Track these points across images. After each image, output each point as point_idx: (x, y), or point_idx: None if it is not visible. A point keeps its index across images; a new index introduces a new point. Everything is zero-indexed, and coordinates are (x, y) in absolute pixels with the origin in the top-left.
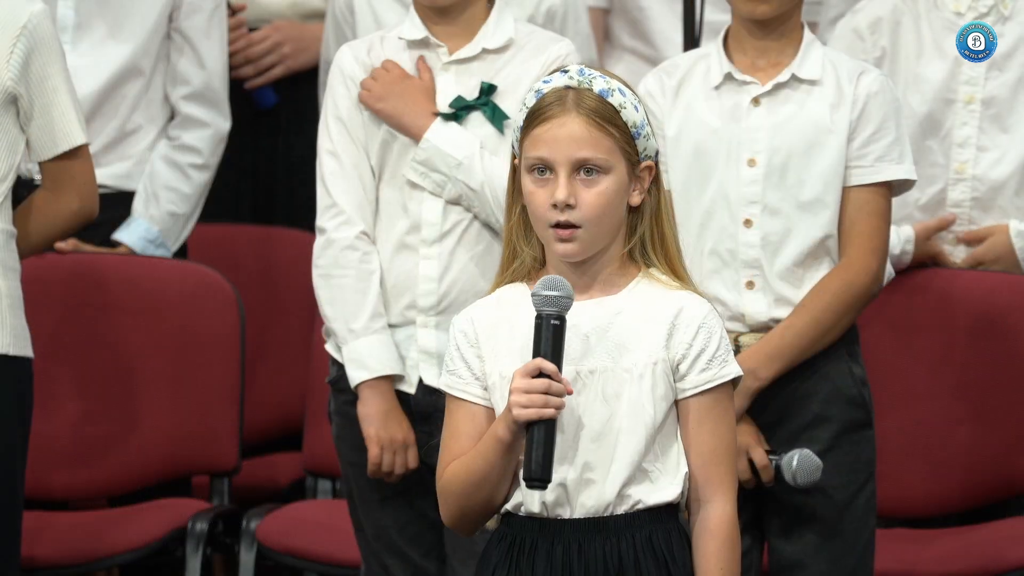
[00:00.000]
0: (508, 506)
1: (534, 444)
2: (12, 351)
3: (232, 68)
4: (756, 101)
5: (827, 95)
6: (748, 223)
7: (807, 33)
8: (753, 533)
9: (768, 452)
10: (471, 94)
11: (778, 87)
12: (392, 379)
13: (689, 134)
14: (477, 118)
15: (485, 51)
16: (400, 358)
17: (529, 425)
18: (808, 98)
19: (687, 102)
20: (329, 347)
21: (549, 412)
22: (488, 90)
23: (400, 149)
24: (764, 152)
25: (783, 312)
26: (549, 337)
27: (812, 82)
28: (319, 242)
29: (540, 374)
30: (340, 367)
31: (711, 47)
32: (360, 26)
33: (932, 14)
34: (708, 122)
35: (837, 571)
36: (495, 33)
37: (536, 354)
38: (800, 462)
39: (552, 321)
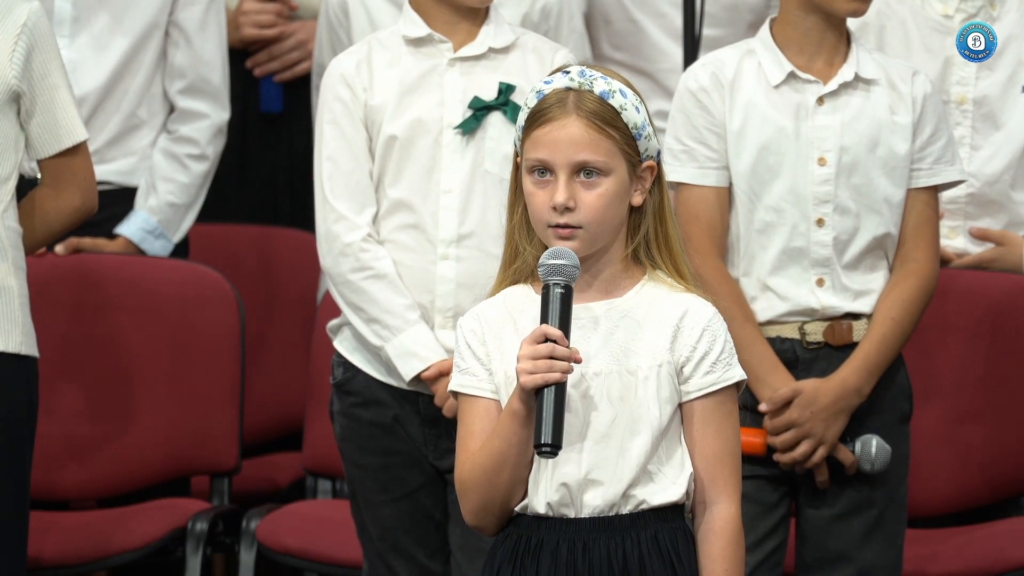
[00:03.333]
0: (516, 508)
1: (543, 410)
2: (24, 350)
3: (258, 64)
4: (820, 100)
5: (885, 94)
6: (821, 222)
7: (853, 33)
8: (784, 530)
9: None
10: (481, 92)
11: (842, 86)
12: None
13: (754, 131)
14: (496, 119)
15: (492, 50)
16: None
17: (538, 393)
18: (869, 96)
19: (747, 98)
20: (338, 345)
21: (555, 376)
22: (507, 90)
23: (403, 148)
24: (833, 151)
25: (853, 304)
26: (556, 305)
27: (871, 81)
28: (328, 250)
29: (545, 341)
30: (346, 368)
31: (753, 43)
32: (355, 28)
33: (919, 17)
34: (774, 120)
35: (881, 563)
36: (497, 33)
37: (543, 322)
38: (878, 450)
39: (558, 289)
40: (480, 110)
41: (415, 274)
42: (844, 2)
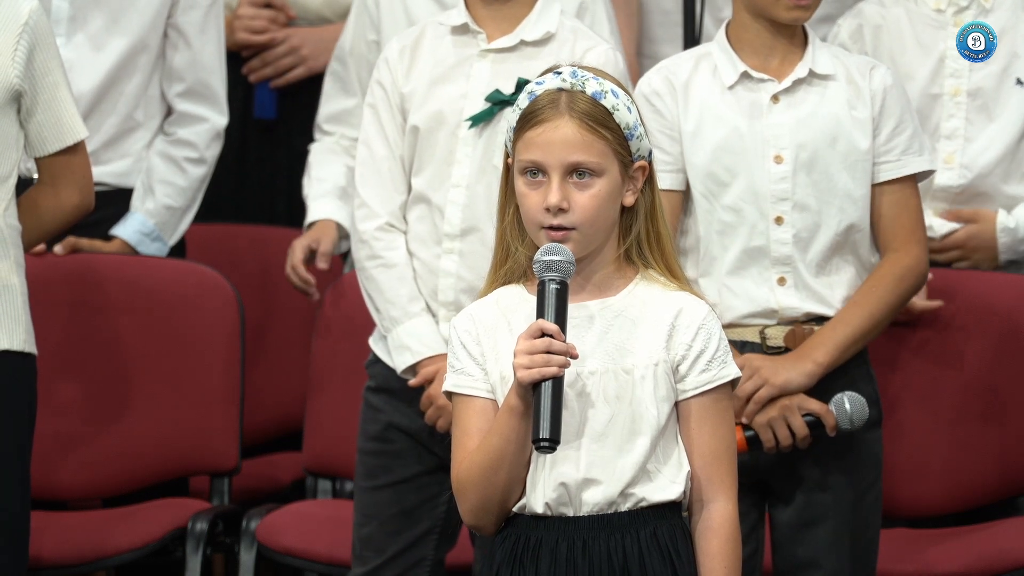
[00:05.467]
0: (513, 508)
1: (540, 405)
2: (27, 348)
3: (252, 70)
4: (775, 98)
5: (842, 89)
6: (779, 220)
7: (810, 31)
8: (757, 537)
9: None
10: (507, 85)
11: (796, 83)
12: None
13: (710, 132)
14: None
15: (523, 43)
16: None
17: (535, 388)
18: (825, 92)
19: (701, 100)
20: (372, 336)
21: (551, 371)
22: (524, 85)
23: (424, 139)
24: (790, 148)
25: (815, 306)
26: (552, 300)
27: (827, 77)
28: (352, 236)
29: (542, 336)
30: (374, 353)
31: (710, 46)
32: (384, 20)
33: (912, 13)
34: (729, 119)
35: (849, 568)
36: (536, 25)
37: (539, 317)
38: (852, 404)
39: (553, 285)
40: (497, 104)
41: (424, 266)
42: (785, 11)
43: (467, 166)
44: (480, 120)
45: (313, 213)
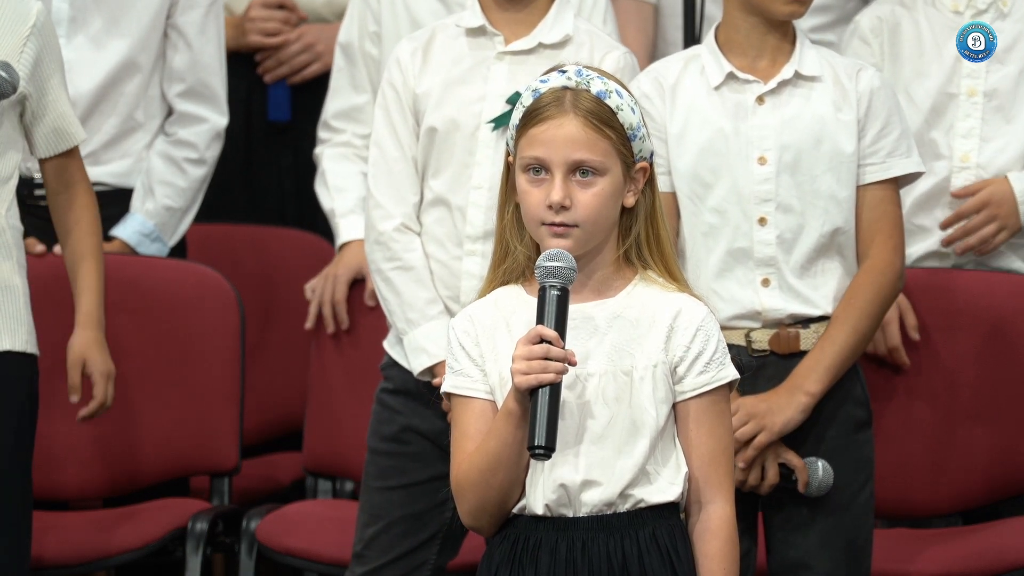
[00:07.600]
0: (513, 509)
1: (537, 411)
2: (29, 348)
3: (268, 71)
4: (760, 100)
5: (828, 91)
6: (763, 221)
7: (799, 32)
8: (751, 536)
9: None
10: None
11: (782, 84)
12: None
13: (695, 134)
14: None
15: (542, 45)
16: None
17: (532, 393)
18: (811, 94)
19: (688, 102)
20: (387, 340)
21: (548, 377)
22: None
23: (442, 141)
24: (774, 150)
25: (799, 307)
26: (552, 306)
27: (813, 78)
28: (367, 237)
29: (541, 342)
30: (389, 356)
31: (700, 48)
32: (384, 12)
33: (931, 13)
34: (713, 121)
35: (840, 571)
36: (553, 28)
37: (539, 323)
38: (824, 471)
39: (554, 291)
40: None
41: (443, 268)
42: (781, 5)
43: (488, 167)
44: (503, 123)
45: (347, 232)
